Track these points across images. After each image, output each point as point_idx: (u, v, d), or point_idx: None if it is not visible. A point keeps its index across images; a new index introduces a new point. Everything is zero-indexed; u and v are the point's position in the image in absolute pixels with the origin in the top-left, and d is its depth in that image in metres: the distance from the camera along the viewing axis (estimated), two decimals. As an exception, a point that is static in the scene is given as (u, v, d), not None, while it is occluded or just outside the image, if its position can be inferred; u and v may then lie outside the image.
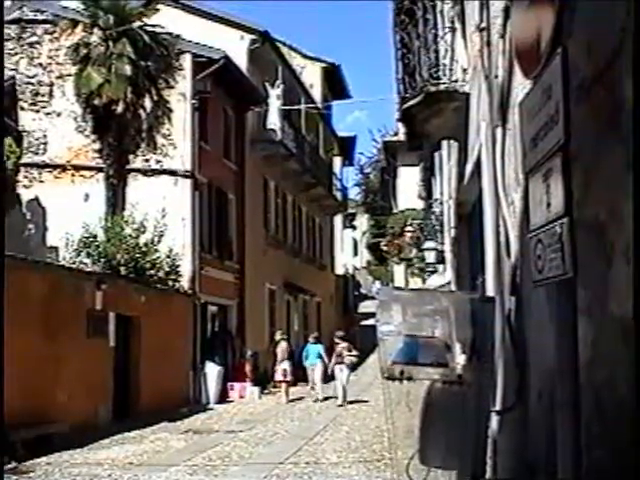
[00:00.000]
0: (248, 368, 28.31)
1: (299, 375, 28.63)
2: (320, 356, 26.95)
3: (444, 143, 16.73)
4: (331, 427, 19.96)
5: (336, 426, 20.14)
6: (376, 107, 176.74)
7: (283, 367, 27.05)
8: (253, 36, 32.73)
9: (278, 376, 27.33)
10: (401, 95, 12.00)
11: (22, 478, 13.16)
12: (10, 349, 14.98)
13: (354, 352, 25.96)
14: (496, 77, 7.30)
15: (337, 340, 26.47)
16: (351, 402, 24.93)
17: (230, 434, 18.95)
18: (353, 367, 26.50)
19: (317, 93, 44.42)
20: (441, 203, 21.33)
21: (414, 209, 32.39)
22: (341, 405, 24.47)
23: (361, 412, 23.00)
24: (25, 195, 26.73)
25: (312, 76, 44.69)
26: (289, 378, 27.08)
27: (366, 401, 24.90)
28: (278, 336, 28.55)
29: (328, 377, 26.72)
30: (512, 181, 6.66)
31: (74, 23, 25.14)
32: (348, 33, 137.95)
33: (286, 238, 38.83)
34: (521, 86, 5.99)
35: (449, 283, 15.92)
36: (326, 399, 26.15)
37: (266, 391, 28.43)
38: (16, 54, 28.27)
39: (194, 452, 16.12)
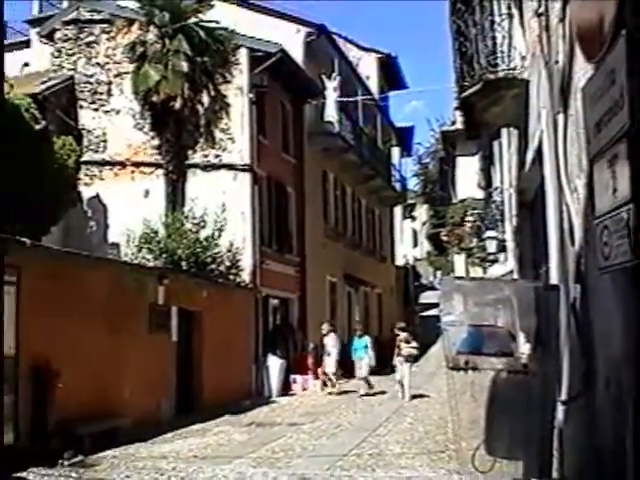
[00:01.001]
0: (310, 361, 28.28)
1: (347, 368, 28.07)
2: (367, 349, 26.35)
3: (503, 131, 16.59)
4: (394, 419, 19.90)
5: (399, 417, 20.08)
6: (434, 96, 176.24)
7: (330, 359, 26.64)
8: (309, 29, 32.69)
9: (326, 368, 26.92)
10: (459, 84, 11.89)
11: (89, 471, 13.31)
12: (76, 345, 15.22)
13: (413, 344, 24.93)
14: (556, 62, 7.20)
15: (397, 332, 25.67)
16: (414, 397, 23.97)
17: (293, 427, 18.97)
18: (414, 359, 25.32)
19: (374, 84, 44.26)
20: (501, 192, 21.15)
21: (474, 198, 32.12)
22: (403, 398, 23.73)
23: (423, 403, 22.90)
24: (86, 193, 27.01)
25: (368, 67, 44.53)
26: (335, 370, 26.66)
27: (427, 396, 24.40)
28: (325, 328, 27.83)
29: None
30: (575, 167, 6.56)
31: (130, 22, 25.40)
32: (404, 23, 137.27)
33: (346, 230, 38.75)
34: (582, 71, 5.89)
35: (511, 272, 15.78)
36: (375, 394, 25.59)
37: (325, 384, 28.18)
38: (74, 54, 28.58)
39: (257, 445, 16.17)
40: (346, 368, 27.81)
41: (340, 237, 37.27)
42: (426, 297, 65.45)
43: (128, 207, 26.00)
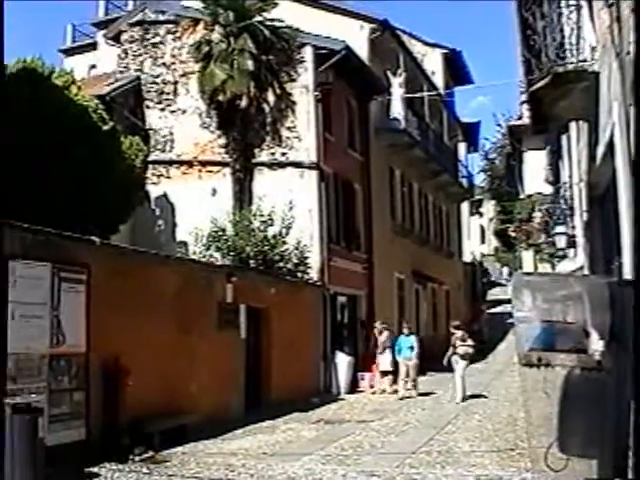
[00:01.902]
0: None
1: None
2: (413, 349, 24.79)
3: (572, 125, 16.34)
4: (462, 416, 19.75)
5: (467, 415, 19.92)
6: (500, 91, 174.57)
7: (384, 358, 26.03)
8: (373, 25, 32.59)
9: (380, 367, 26.29)
10: (527, 77, 11.76)
11: (159, 467, 13.41)
12: (146, 343, 15.35)
13: (469, 342, 23.75)
14: (628, 54, 7.05)
15: (452, 330, 24.52)
16: (471, 396, 23.23)
17: (361, 424, 18.94)
18: (471, 358, 24.11)
19: (439, 80, 44.04)
20: (570, 186, 20.87)
21: (541, 194, 31.75)
22: (459, 402, 22.38)
23: (492, 400, 22.69)
24: (154, 192, 27.30)
25: (433, 63, 44.36)
26: (390, 369, 25.87)
27: (483, 396, 23.75)
28: (378, 326, 27.16)
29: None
30: (648, 160, 6.41)
31: (195, 22, 25.57)
32: (468, 18, 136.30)
33: (413, 227, 38.60)
34: (656, 61, 5.75)
35: (581, 268, 15.59)
36: (422, 394, 24.48)
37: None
38: (140, 55, 28.95)
39: (326, 442, 16.16)
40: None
41: (407, 233, 37.13)
42: (494, 294, 65.02)
43: (196, 205, 26.26)
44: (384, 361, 26.02)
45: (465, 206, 56.07)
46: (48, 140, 17.55)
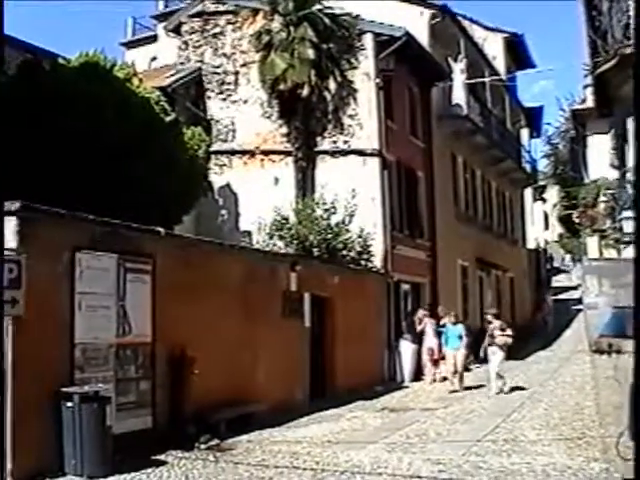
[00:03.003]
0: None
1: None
2: (461, 339, 23.30)
3: (639, 107, 16.03)
4: (528, 404, 19.56)
5: (533, 403, 19.72)
6: (563, 75, 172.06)
7: (429, 346, 25.38)
8: (433, 11, 32.36)
9: (425, 356, 25.67)
10: (592, 60, 11.56)
11: (225, 455, 13.49)
12: (211, 332, 15.45)
13: (508, 331, 22.41)
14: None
15: (489, 318, 23.24)
16: (513, 388, 22.22)
17: (426, 412, 18.88)
18: (508, 349, 22.73)
19: (500, 65, 43.55)
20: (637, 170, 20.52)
21: (607, 178, 31.31)
22: (499, 392, 21.59)
23: (558, 388, 22.44)
24: (217, 182, 27.45)
25: (494, 48, 43.83)
26: (436, 357, 25.14)
27: (523, 388, 22.73)
28: (421, 314, 26.50)
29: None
30: None
31: (255, 11, 25.66)
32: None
33: (476, 213, 38.32)
34: None
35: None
36: (467, 389, 23.04)
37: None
38: (201, 46, 29.10)
39: (391, 430, 16.13)
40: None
41: (471, 220, 36.88)
42: (558, 280, 64.36)
43: (258, 195, 26.36)
44: (428, 350, 25.47)
45: (528, 192, 55.56)
46: (111, 133, 17.71)
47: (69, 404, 11.50)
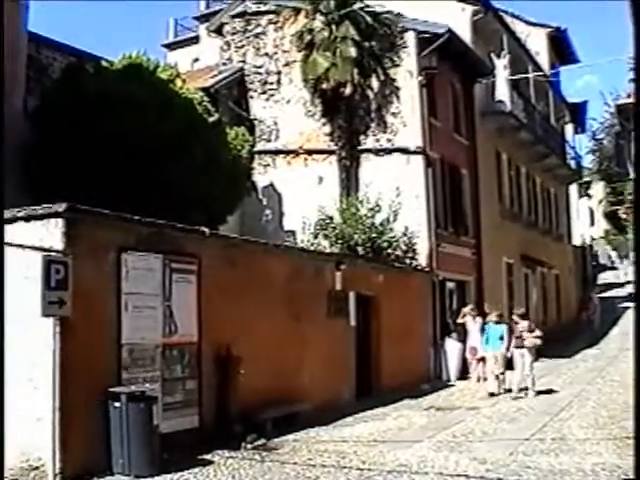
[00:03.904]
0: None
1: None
2: (502, 339, 21.86)
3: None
4: (576, 402, 19.38)
5: (581, 401, 19.53)
6: (608, 69, 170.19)
7: (472, 344, 24.78)
8: (475, 7, 32.17)
9: (468, 354, 25.15)
10: (638, 53, 11.38)
11: (271, 454, 13.50)
12: (256, 331, 15.50)
13: (537, 332, 21.49)
14: None
15: (516, 319, 22.03)
16: (540, 392, 21.10)
17: (472, 410, 18.78)
18: (537, 352, 22.01)
19: (544, 60, 43.25)
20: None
21: (654, 173, 30.92)
22: (526, 396, 20.66)
23: (606, 387, 22.20)
24: (261, 182, 27.52)
25: (537, 43, 43.48)
26: (479, 356, 24.25)
27: (555, 391, 21.70)
28: (467, 311, 25.93)
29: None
30: None
31: (296, 11, 25.66)
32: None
33: (521, 210, 38.07)
34: None
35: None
36: (508, 391, 21.68)
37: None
38: (243, 46, 29.25)
39: (437, 429, 16.07)
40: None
41: (516, 217, 36.65)
42: (605, 277, 63.74)
43: (302, 194, 26.40)
44: (471, 348, 24.92)
45: (574, 188, 55.07)
46: (154, 134, 17.82)
47: (116, 404, 11.58)
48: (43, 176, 18.07)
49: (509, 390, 21.63)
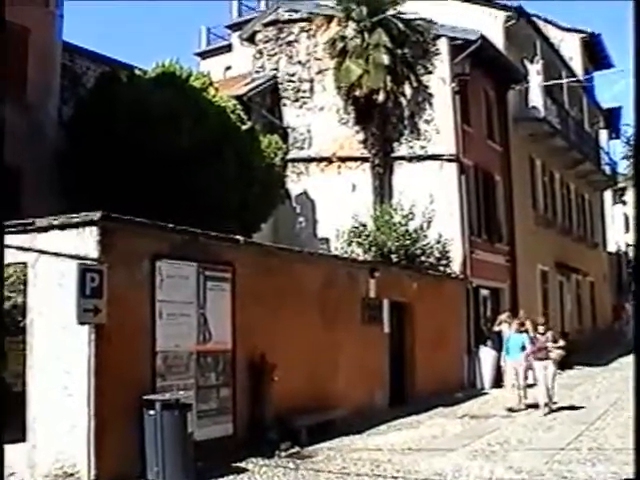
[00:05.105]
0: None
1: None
2: (524, 349, 20.48)
3: None
4: (612, 411, 19.16)
5: (617, 410, 19.28)
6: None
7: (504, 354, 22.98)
8: (507, 13, 32.05)
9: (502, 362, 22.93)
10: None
11: (306, 462, 13.47)
12: (291, 338, 15.50)
13: (560, 343, 20.17)
14: None
15: (540, 329, 20.35)
16: (561, 408, 19.80)
17: (507, 419, 18.64)
18: (560, 364, 20.93)
19: (577, 65, 42.93)
20: None
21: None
22: (547, 414, 19.06)
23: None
24: (294, 189, 27.54)
25: (571, 48, 43.19)
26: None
27: (580, 407, 20.18)
28: (503, 318, 24.77)
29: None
30: None
31: (329, 18, 25.80)
32: None
33: (555, 217, 37.85)
34: None
35: None
36: (529, 407, 20.26)
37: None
38: (275, 54, 29.27)
39: (472, 437, 15.95)
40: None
41: (550, 224, 36.44)
42: (641, 285, 62.96)
43: (336, 201, 26.41)
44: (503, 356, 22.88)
45: (608, 194, 54.70)
46: (188, 142, 17.90)
47: (151, 412, 11.59)
48: (78, 183, 18.22)
49: (533, 405, 20.20)
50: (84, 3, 40.63)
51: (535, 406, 19.93)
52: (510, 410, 19.79)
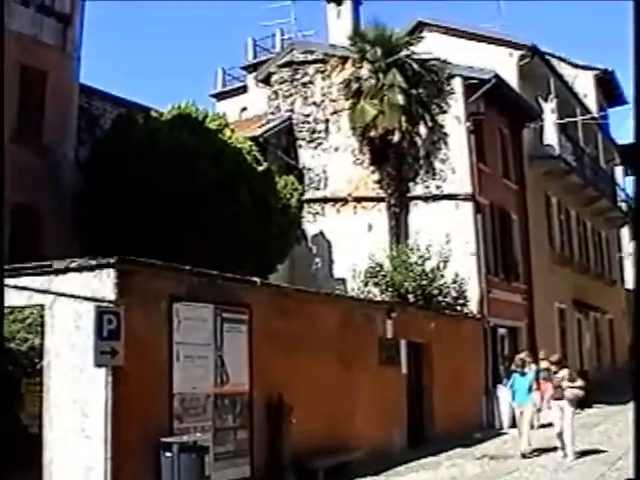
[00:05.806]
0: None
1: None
2: (531, 390, 19.89)
3: None
4: (634, 451, 18.80)
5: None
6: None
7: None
8: (521, 51, 32.19)
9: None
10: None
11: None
12: (308, 380, 15.43)
13: (579, 382, 18.45)
14: None
15: (554, 368, 18.82)
16: (584, 453, 18.33)
17: (527, 459, 18.39)
18: (579, 404, 19.25)
19: (592, 102, 42.96)
20: None
21: None
22: (565, 457, 17.82)
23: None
24: (310, 230, 27.56)
25: (585, 85, 43.23)
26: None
27: (602, 451, 18.79)
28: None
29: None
30: None
31: (343, 59, 25.93)
32: (619, 34, 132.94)
33: (572, 254, 37.74)
34: None
35: None
36: (536, 450, 19.19)
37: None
38: (291, 95, 29.40)
39: (491, 478, 15.85)
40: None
41: (567, 262, 36.32)
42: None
43: (352, 242, 26.39)
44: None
45: (625, 231, 54.49)
46: (206, 182, 17.98)
47: (168, 454, 11.54)
48: (94, 224, 18.29)
49: (551, 449, 19.08)
50: (102, 46, 41.08)
51: (553, 448, 18.88)
52: (523, 456, 18.60)
